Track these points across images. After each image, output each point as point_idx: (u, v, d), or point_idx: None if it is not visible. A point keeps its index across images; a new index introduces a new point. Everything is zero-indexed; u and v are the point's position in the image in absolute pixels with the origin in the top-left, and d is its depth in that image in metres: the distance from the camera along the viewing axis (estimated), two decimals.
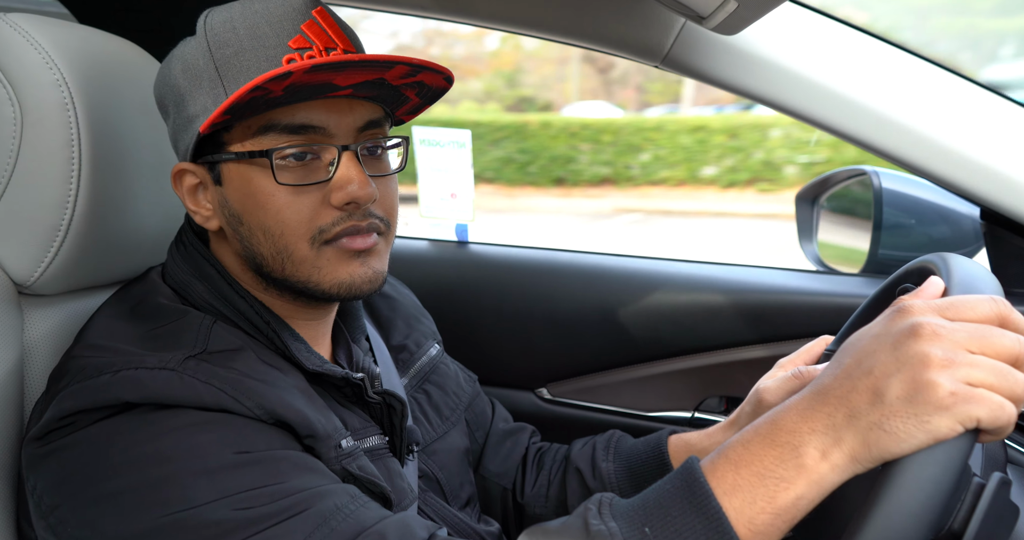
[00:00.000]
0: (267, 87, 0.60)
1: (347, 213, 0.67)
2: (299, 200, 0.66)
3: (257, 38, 0.65)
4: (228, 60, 0.65)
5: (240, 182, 0.68)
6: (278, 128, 0.65)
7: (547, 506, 0.93)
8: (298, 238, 0.67)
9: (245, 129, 0.66)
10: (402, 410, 0.76)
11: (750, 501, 0.51)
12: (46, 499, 0.58)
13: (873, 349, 0.51)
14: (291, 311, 0.74)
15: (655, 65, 1.04)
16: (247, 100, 0.61)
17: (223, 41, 0.66)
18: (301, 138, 0.66)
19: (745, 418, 0.81)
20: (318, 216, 0.67)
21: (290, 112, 0.65)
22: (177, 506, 0.55)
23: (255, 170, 0.67)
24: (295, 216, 0.66)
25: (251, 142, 0.66)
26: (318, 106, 0.66)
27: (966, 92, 0.97)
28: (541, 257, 1.44)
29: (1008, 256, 1.04)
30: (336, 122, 0.67)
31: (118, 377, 0.59)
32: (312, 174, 0.67)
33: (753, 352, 1.27)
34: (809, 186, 1.47)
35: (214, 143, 0.68)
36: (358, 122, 0.68)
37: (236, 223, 0.69)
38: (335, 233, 0.67)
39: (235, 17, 0.66)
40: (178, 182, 0.72)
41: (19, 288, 0.73)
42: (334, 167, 0.67)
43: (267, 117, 0.65)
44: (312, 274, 0.68)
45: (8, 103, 0.69)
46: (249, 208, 0.68)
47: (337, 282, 0.69)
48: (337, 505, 0.58)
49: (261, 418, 0.61)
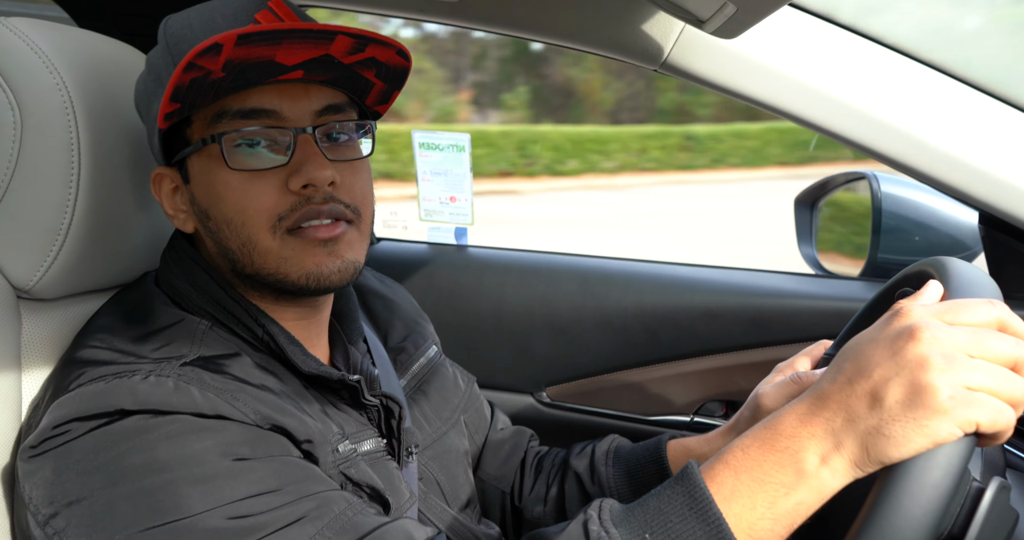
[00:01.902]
0: (203, 66, 0.59)
1: (305, 197, 0.66)
2: (256, 187, 0.66)
3: (211, 30, 0.64)
4: (183, 54, 0.64)
5: (202, 175, 0.68)
6: (230, 114, 0.65)
7: (545, 510, 0.92)
8: (259, 227, 0.66)
9: (202, 120, 0.66)
10: (400, 412, 0.75)
11: (750, 506, 0.51)
12: (42, 508, 0.58)
13: (872, 353, 0.51)
14: (280, 311, 0.73)
15: (654, 69, 1.05)
16: (188, 82, 0.60)
17: (179, 38, 0.66)
18: (254, 122, 0.65)
19: (744, 423, 0.81)
20: (277, 202, 0.66)
21: (241, 98, 0.65)
22: (174, 515, 0.54)
23: (213, 160, 0.66)
24: (253, 203, 0.66)
25: (207, 131, 0.66)
26: (270, 91, 0.66)
27: (965, 96, 0.97)
28: (540, 260, 1.44)
29: (1007, 260, 1.04)
30: (290, 106, 0.66)
31: (113, 384, 0.59)
32: (269, 160, 0.66)
33: (752, 356, 1.27)
34: (808, 190, 1.47)
35: (180, 141, 0.68)
36: (315, 106, 0.68)
37: (205, 219, 0.69)
38: (295, 219, 0.66)
39: (191, 16, 0.67)
40: (157, 187, 0.72)
41: (18, 292, 0.73)
42: (291, 151, 0.66)
43: (219, 104, 0.65)
44: (280, 265, 0.67)
45: (8, 107, 0.69)
46: (212, 201, 0.67)
47: (305, 273, 0.67)
48: (335, 512, 0.58)
49: (258, 424, 0.61)
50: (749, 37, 0.96)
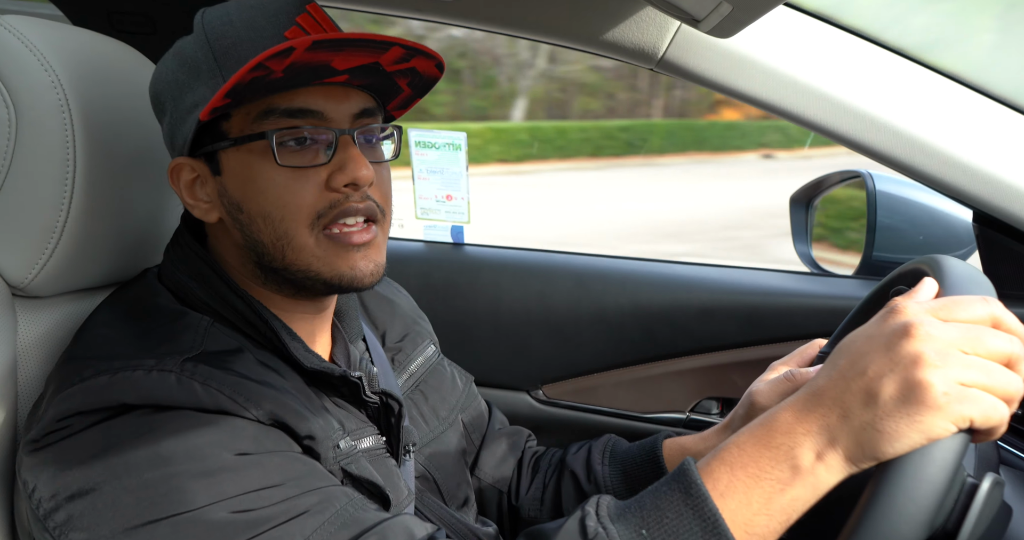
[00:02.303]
0: (268, 66, 0.60)
1: (345, 195, 0.68)
2: (299, 184, 0.67)
3: (254, 29, 0.65)
4: (226, 50, 0.65)
5: (240, 168, 0.68)
6: (278, 112, 0.66)
7: (542, 510, 0.93)
8: (298, 223, 0.67)
9: (244, 116, 0.67)
10: (399, 410, 0.76)
11: (746, 503, 0.52)
12: (44, 502, 0.58)
13: (867, 350, 0.51)
14: (289, 307, 0.74)
15: (650, 68, 1.05)
16: (248, 80, 0.61)
17: (220, 33, 0.66)
18: (300, 121, 0.67)
19: (739, 421, 0.81)
20: (317, 200, 0.67)
21: (289, 97, 0.66)
22: (176, 509, 0.54)
23: (255, 156, 0.67)
24: (295, 200, 0.67)
25: (251, 127, 0.67)
26: (315, 92, 0.67)
27: (959, 95, 0.98)
28: (536, 259, 1.44)
29: (1001, 258, 1.05)
30: (333, 108, 0.68)
31: (116, 378, 0.59)
32: (312, 158, 0.67)
33: (748, 353, 1.28)
34: (803, 188, 1.47)
35: (212, 134, 0.68)
36: (354, 109, 0.69)
37: (236, 211, 0.69)
38: (333, 216, 0.68)
39: (231, 12, 0.67)
40: (175, 177, 0.72)
41: (13, 290, 0.73)
42: (332, 150, 0.67)
43: (267, 102, 0.66)
44: (312, 263, 0.68)
45: (3, 105, 0.69)
46: (250, 194, 0.68)
47: (338, 274, 0.69)
48: (336, 508, 0.58)
49: (259, 419, 0.61)
50: (745, 36, 0.96)
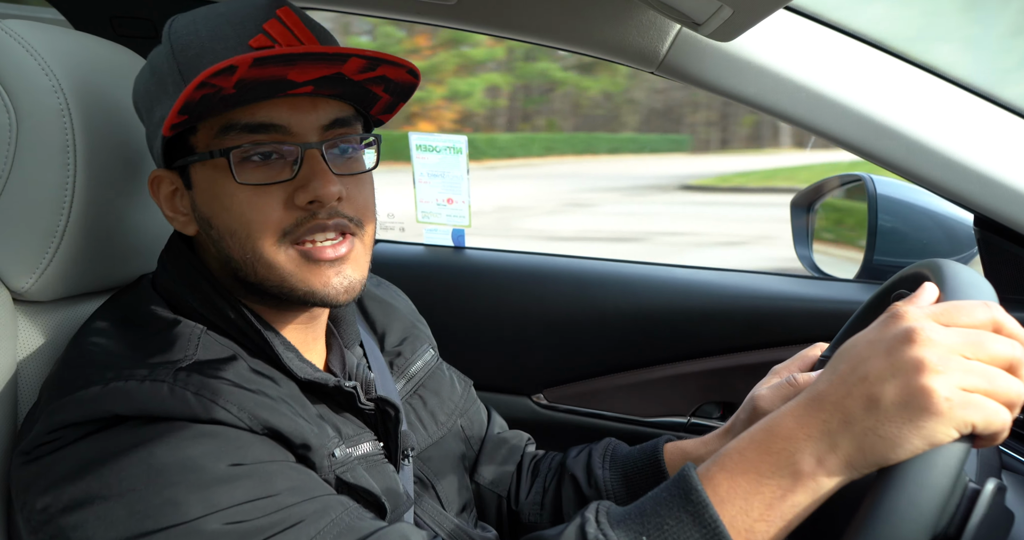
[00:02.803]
0: (215, 84, 0.59)
1: (311, 213, 0.66)
2: (262, 201, 0.65)
3: (218, 39, 0.64)
4: (190, 62, 0.64)
5: (206, 184, 0.67)
6: (238, 127, 0.65)
7: (542, 514, 0.92)
8: (264, 241, 0.66)
9: (208, 130, 0.66)
10: (396, 416, 0.75)
11: (746, 509, 0.51)
12: (36, 515, 0.58)
13: (868, 355, 0.51)
14: (279, 317, 0.73)
15: (651, 71, 1.05)
16: (198, 98, 0.60)
17: (185, 44, 0.65)
18: (262, 137, 0.65)
19: (740, 425, 0.80)
20: (283, 218, 0.66)
21: (250, 111, 0.65)
22: (170, 520, 0.54)
23: (219, 171, 0.66)
24: (258, 217, 0.65)
25: (214, 142, 0.66)
26: (279, 104, 0.65)
27: (960, 99, 0.98)
28: (537, 262, 1.44)
29: (1002, 262, 1.05)
30: (299, 120, 0.66)
31: (108, 389, 0.58)
32: (276, 174, 0.66)
33: (749, 357, 1.28)
34: (804, 192, 1.47)
35: (183, 147, 0.68)
36: (322, 120, 0.67)
37: (207, 227, 0.69)
38: (300, 234, 0.66)
39: (198, 20, 0.66)
40: (155, 189, 0.72)
41: (14, 295, 0.73)
42: (298, 165, 0.66)
43: (227, 117, 0.65)
44: (285, 279, 0.67)
45: (4, 109, 0.69)
46: (216, 210, 0.67)
47: (311, 291, 0.67)
48: (332, 517, 0.58)
49: (253, 429, 0.60)
50: (745, 40, 0.96)
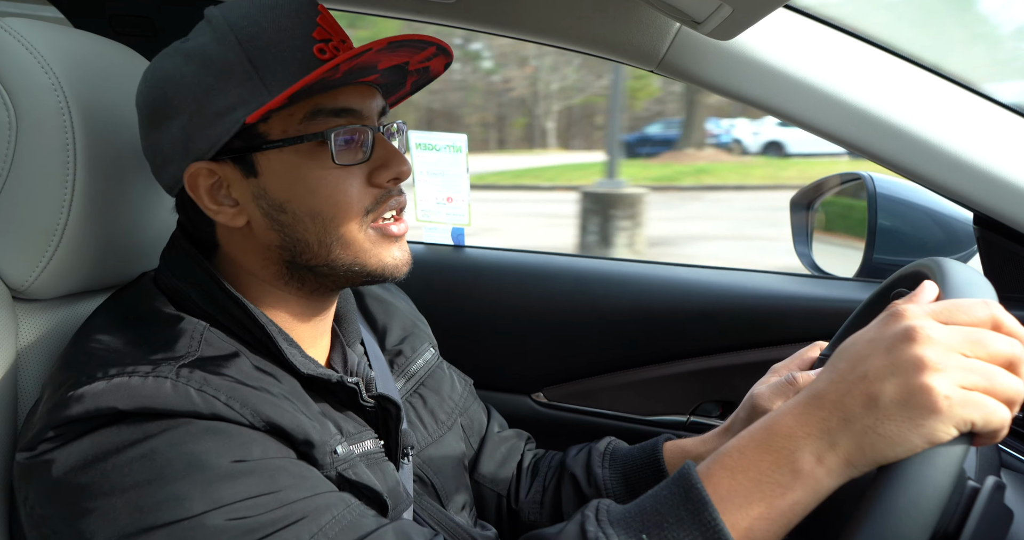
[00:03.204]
0: (339, 67, 0.62)
1: (386, 191, 0.71)
2: (348, 181, 0.69)
3: (282, 30, 0.66)
4: (260, 52, 0.66)
5: (284, 169, 0.68)
6: (325, 112, 0.68)
7: (542, 513, 0.92)
8: (349, 220, 0.69)
9: (287, 117, 0.67)
10: (397, 414, 0.75)
11: (746, 507, 0.51)
12: (38, 509, 0.58)
13: (867, 353, 0.51)
14: (295, 310, 0.74)
15: (650, 70, 1.05)
16: (313, 82, 0.63)
17: (251, 34, 0.66)
18: (343, 121, 0.68)
19: (740, 424, 0.81)
20: (364, 197, 0.70)
21: (332, 97, 0.68)
22: (172, 516, 0.54)
23: (301, 156, 0.68)
24: (345, 197, 0.69)
25: (298, 127, 0.67)
26: (352, 91, 0.69)
27: (959, 97, 0.98)
28: (537, 261, 1.44)
29: (1002, 260, 1.05)
30: (368, 106, 0.71)
31: (111, 385, 0.58)
32: (354, 155, 0.69)
33: (748, 356, 1.28)
34: (803, 191, 1.47)
35: (243, 137, 0.67)
36: (379, 106, 0.73)
37: (277, 212, 0.69)
38: (379, 212, 0.71)
39: (253, 12, 0.67)
40: (194, 183, 0.69)
41: (13, 293, 0.73)
42: (368, 148, 0.69)
43: (313, 102, 0.67)
44: (359, 255, 0.71)
45: (3, 107, 0.69)
46: (298, 194, 0.68)
47: (382, 264, 0.72)
48: (333, 514, 0.58)
49: (256, 425, 0.60)
50: (745, 38, 0.96)
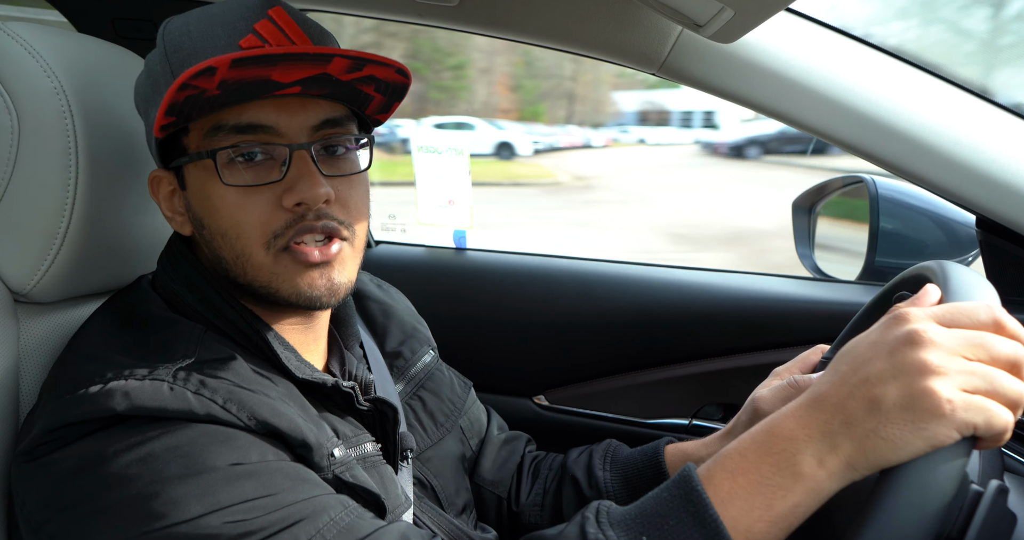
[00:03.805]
0: (198, 85, 0.59)
1: (299, 215, 0.66)
2: (251, 202, 0.65)
3: (207, 39, 0.65)
4: (181, 63, 0.65)
5: (198, 185, 0.68)
6: (226, 128, 0.65)
7: (542, 515, 0.92)
8: (253, 242, 0.66)
9: (198, 131, 0.66)
10: (394, 417, 0.75)
11: (747, 509, 0.51)
12: (36, 514, 0.58)
13: (869, 356, 0.51)
14: (277, 318, 0.73)
15: (652, 73, 1.05)
16: (183, 100, 0.60)
17: (177, 45, 0.66)
18: (250, 137, 0.65)
19: (741, 427, 0.80)
20: (271, 219, 0.66)
21: (237, 112, 0.65)
22: (170, 520, 0.54)
23: (208, 172, 0.66)
24: (247, 218, 0.66)
25: (203, 143, 0.66)
26: (267, 105, 0.65)
27: (962, 101, 0.98)
28: (538, 264, 1.44)
29: (1004, 263, 1.05)
30: (287, 121, 0.66)
31: (108, 388, 0.58)
32: (264, 175, 0.66)
33: (750, 359, 1.27)
34: (806, 194, 1.47)
35: (177, 148, 0.68)
36: (311, 121, 0.67)
37: (200, 227, 0.69)
38: (289, 237, 0.66)
39: (191, 22, 0.67)
40: (155, 189, 0.73)
41: (15, 296, 0.73)
42: (286, 167, 0.66)
43: (216, 118, 0.65)
44: (271, 280, 0.67)
45: (6, 111, 0.69)
46: (207, 211, 0.68)
47: (296, 292, 0.68)
48: (331, 516, 0.58)
49: (253, 429, 0.60)
50: (747, 41, 0.96)
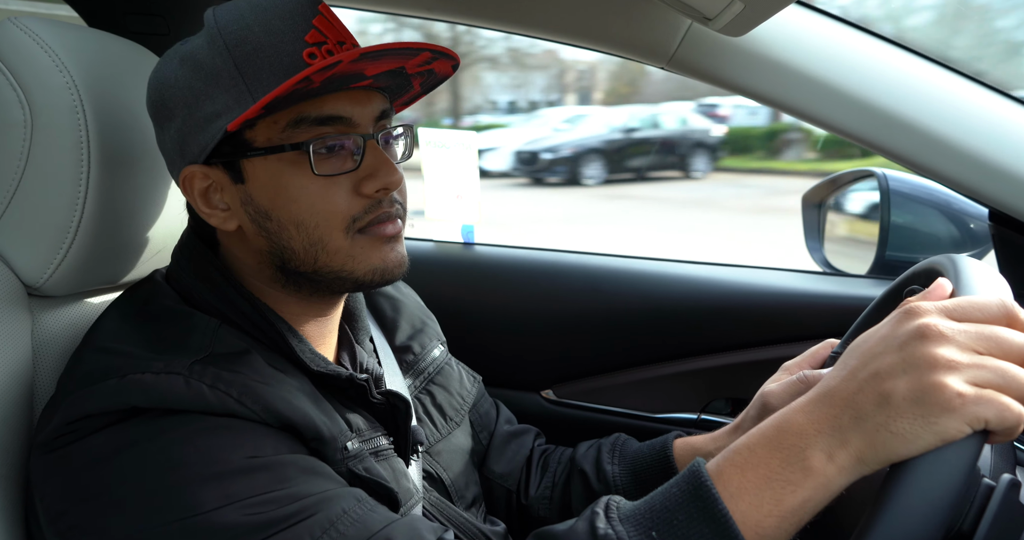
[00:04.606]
0: (311, 78, 0.61)
1: (376, 201, 0.69)
2: (332, 191, 0.68)
3: (273, 34, 0.65)
4: (248, 57, 0.65)
5: (268, 177, 0.68)
6: (309, 120, 0.66)
7: (551, 508, 0.92)
8: (333, 228, 0.68)
9: (271, 124, 0.67)
10: (406, 410, 0.76)
11: (757, 504, 0.51)
12: (54, 506, 0.58)
13: (880, 351, 0.51)
14: (300, 310, 0.74)
15: (661, 66, 1.04)
16: (289, 92, 0.62)
17: (239, 38, 0.65)
18: (329, 129, 0.67)
19: (750, 422, 0.80)
20: (351, 206, 0.68)
21: (318, 104, 0.66)
22: (186, 512, 0.55)
23: (284, 164, 0.67)
24: (329, 207, 0.68)
25: (281, 136, 0.67)
26: (342, 97, 0.68)
27: (974, 93, 0.97)
28: (546, 258, 1.44)
29: (1017, 257, 1.04)
30: (359, 112, 0.69)
31: (125, 381, 0.59)
32: (341, 165, 0.68)
33: (759, 354, 1.27)
34: (815, 188, 1.46)
35: (231, 142, 0.68)
36: (375, 112, 0.70)
37: (263, 219, 0.69)
38: (368, 221, 0.69)
39: (246, 14, 0.66)
40: (188, 186, 0.71)
41: (29, 290, 0.74)
42: (360, 156, 0.68)
43: (297, 110, 0.66)
44: (346, 263, 0.70)
45: (18, 106, 0.69)
46: (281, 202, 0.68)
47: (372, 268, 0.70)
48: (344, 509, 0.58)
49: (267, 422, 0.61)
50: (757, 35, 0.96)
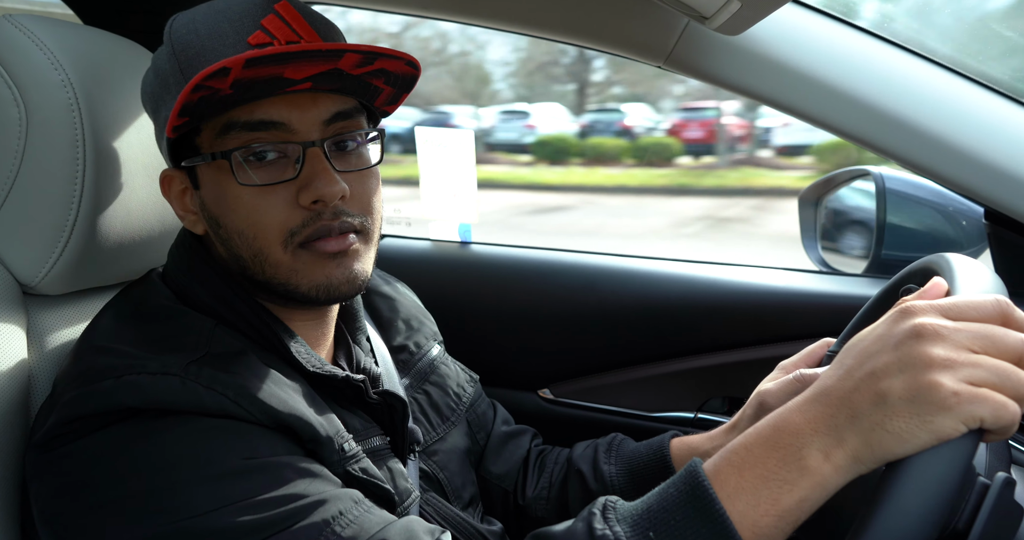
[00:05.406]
0: (210, 86, 0.59)
1: (316, 213, 0.66)
2: (267, 201, 0.65)
3: (215, 37, 0.64)
4: (190, 62, 0.64)
5: (212, 185, 0.68)
6: (238, 127, 0.64)
7: (548, 508, 0.93)
8: (271, 241, 0.66)
9: (210, 131, 0.66)
10: (403, 410, 0.76)
11: (754, 504, 0.51)
12: (49, 506, 0.58)
13: (876, 350, 0.51)
14: (288, 313, 0.73)
15: (658, 65, 1.04)
16: (196, 100, 0.60)
17: (185, 43, 0.65)
18: (263, 135, 0.65)
19: (747, 421, 0.80)
20: (288, 218, 0.66)
21: (249, 110, 0.64)
22: (181, 514, 0.54)
23: (223, 173, 0.66)
24: (264, 218, 0.65)
25: (216, 143, 0.66)
26: (278, 102, 0.65)
27: (970, 93, 0.97)
28: (543, 258, 1.44)
29: (1012, 257, 1.04)
30: (299, 117, 0.65)
31: (121, 382, 0.59)
32: (279, 173, 0.65)
33: (755, 353, 1.27)
34: (812, 187, 1.46)
35: (190, 147, 0.68)
36: (323, 115, 0.67)
37: (215, 226, 0.69)
38: (306, 235, 0.66)
39: (198, 18, 0.66)
40: (167, 187, 0.72)
41: (24, 288, 0.73)
42: (300, 164, 0.65)
43: (228, 116, 0.65)
44: (290, 277, 0.68)
45: (13, 104, 0.69)
46: (223, 211, 0.67)
47: (315, 285, 0.68)
48: (341, 510, 0.58)
49: (263, 423, 0.61)
50: (754, 33, 0.96)
